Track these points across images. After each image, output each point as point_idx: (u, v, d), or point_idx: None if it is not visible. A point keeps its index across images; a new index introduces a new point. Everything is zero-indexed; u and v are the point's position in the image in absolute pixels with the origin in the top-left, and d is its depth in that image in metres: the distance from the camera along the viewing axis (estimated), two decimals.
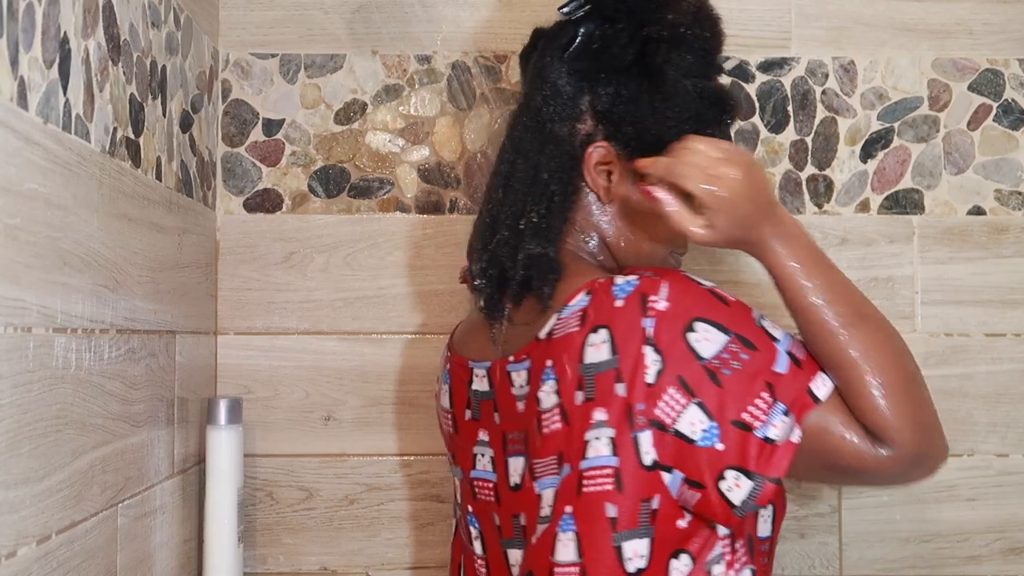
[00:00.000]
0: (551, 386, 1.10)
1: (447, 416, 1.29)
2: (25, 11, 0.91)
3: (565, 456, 1.09)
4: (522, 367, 1.15)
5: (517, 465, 1.17)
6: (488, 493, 1.21)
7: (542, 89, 1.22)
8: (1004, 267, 1.63)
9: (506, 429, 1.18)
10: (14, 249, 0.90)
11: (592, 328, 1.08)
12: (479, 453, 1.23)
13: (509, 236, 1.20)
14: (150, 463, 1.27)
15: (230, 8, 1.60)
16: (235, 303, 1.59)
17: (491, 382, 1.20)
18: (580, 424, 1.08)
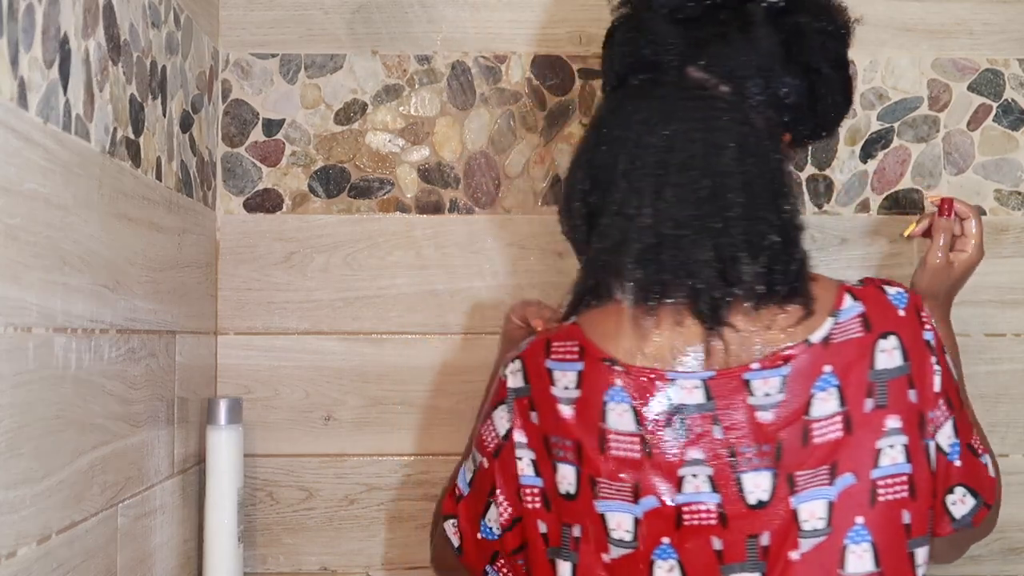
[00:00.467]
0: (832, 393, 1.09)
1: (629, 439, 1.11)
2: (25, 11, 0.91)
3: (844, 465, 1.08)
4: (773, 374, 1.10)
5: (760, 481, 1.09)
6: (705, 517, 1.10)
7: (754, 81, 1.15)
8: (1004, 267, 1.63)
9: (735, 443, 1.10)
10: (14, 249, 0.90)
11: (881, 334, 1.11)
12: (689, 474, 1.10)
13: (745, 237, 1.11)
14: (150, 463, 1.27)
15: (230, 8, 1.60)
16: (235, 303, 1.59)
17: (709, 393, 1.10)
18: (870, 432, 1.09)
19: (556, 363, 1.14)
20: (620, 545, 1.10)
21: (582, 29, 1.61)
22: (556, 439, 1.13)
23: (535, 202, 1.61)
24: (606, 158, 1.15)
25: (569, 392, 1.13)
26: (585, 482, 1.11)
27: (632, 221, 1.12)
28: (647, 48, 1.16)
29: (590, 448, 1.11)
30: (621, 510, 1.10)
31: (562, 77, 1.61)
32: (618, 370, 1.11)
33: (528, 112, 1.61)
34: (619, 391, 1.11)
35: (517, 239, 1.60)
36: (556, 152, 1.61)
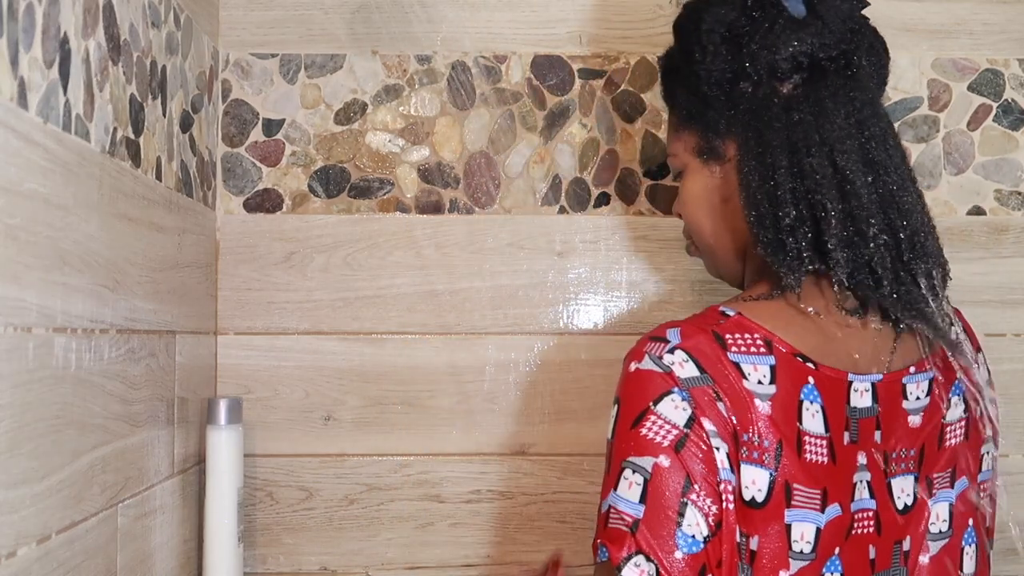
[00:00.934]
0: (960, 398, 1.14)
1: (819, 442, 1.03)
2: (25, 11, 0.91)
3: (960, 469, 1.13)
4: (924, 377, 1.10)
5: (906, 485, 1.08)
6: (867, 525, 1.06)
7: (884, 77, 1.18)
8: (1004, 267, 1.63)
9: (888, 448, 1.08)
10: (14, 249, 0.90)
11: (977, 348, 1.20)
12: (858, 480, 1.06)
13: (928, 236, 1.09)
14: (150, 463, 1.27)
15: (230, 8, 1.60)
16: (235, 303, 1.59)
17: (876, 397, 1.07)
18: (978, 438, 1.15)
19: (743, 356, 1.03)
20: (799, 558, 1.01)
21: (582, 29, 1.61)
22: (749, 437, 1.01)
23: (535, 202, 1.61)
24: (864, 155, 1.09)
25: (764, 387, 1.01)
26: (780, 489, 1.01)
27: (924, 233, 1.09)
28: (851, 37, 1.12)
29: (789, 451, 1.01)
30: (807, 520, 1.01)
31: (562, 77, 1.61)
32: (810, 367, 1.04)
33: (528, 112, 1.61)
34: (812, 390, 1.03)
35: (517, 239, 1.60)
36: (556, 152, 1.61)
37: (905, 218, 1.06)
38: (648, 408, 1.00)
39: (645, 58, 1.61)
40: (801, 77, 1.11)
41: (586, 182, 1.61)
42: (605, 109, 1.61)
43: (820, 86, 1.09)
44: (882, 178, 1.07)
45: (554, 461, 1.59)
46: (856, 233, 1.05)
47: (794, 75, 1.11)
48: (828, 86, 1.10)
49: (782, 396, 1.02)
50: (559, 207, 1.61)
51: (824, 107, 1.08)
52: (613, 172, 1.61)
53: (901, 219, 1.06)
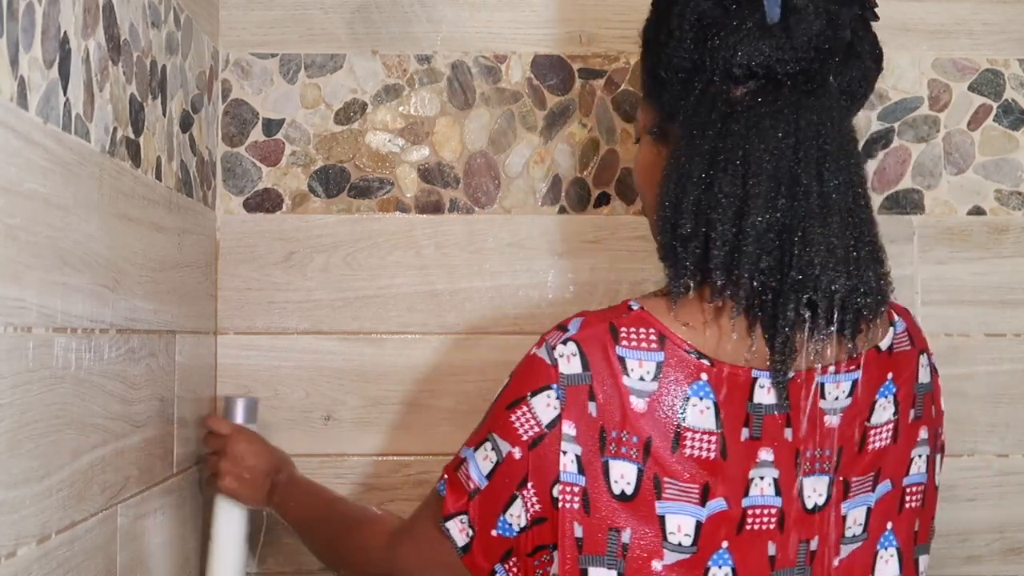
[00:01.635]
0: (889, 401, 1.11)
1: (706, 437, 1.05)
2: (25, 11, 0.91)
3: (885, 473, 1.11)
4: (846, 378, 1.08)
5: (819, 485, 1.08)
6: (766, 521, 1.07)
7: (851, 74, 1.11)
8: (1004, 267, 1.63)
9: (801, 446, 1.07)
10: (14, 249, 0.90)
11: (921, 350, 1.16)
12: (757, 476, 1.07)
13: (870, 242, 1.07)
14: (150, 463, 1.27)
15: (230, 8, 1.60)
16: (235, 303, 1.59)
17: (784, 394, 1.06)
18: (909, 442, 1.13)
19: (630, 351, 1.05)
20: (677, 550, 1.04)
21: (582, 29, 1.61)
22: (618, 434, 1.04)
23: (535, 202, 1.61)
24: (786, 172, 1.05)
25: (645, 384, 1.04)
26: (648, 481, 1.04)
27: (825, 246, 1.04)
28: (814, 55, 1.07)
29: (660, 446, 1.04)
30: (684, 512, 1.04)
31: (562, 77, 1.61)
32: (705, 364, 1.05)
33: (528, 112, 1.61)
34: (704, 386, 1.05)
35: (517, 239, 1.60)
36: (556, 152, 1.61)
37: (808, 246, 1.03)
38: (524, 398, 1.08)
39: None
40: (756, 84, 1.07)
41: (586, 182, 1.61)
42: (605, 109, 1.61)
43: (767, 100, 1.06)
44: (799, 204, 1.04)
45: None
46: (737, 258, 1.03)
47: (748, 81, 1.07)
48: (774, 102, 1.06)
49: (663, 393, 1.04)
50: (559, 207, 1.61)
51: (761, 123, 1.05)
52: (613, 172, 1.61)
53: (804, 249, 1.03)
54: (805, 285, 1.03)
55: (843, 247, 1.04)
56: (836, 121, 1.07)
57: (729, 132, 1.06)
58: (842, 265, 1.03)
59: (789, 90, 1.06)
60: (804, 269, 1.02)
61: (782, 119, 1.05)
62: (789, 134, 1.05)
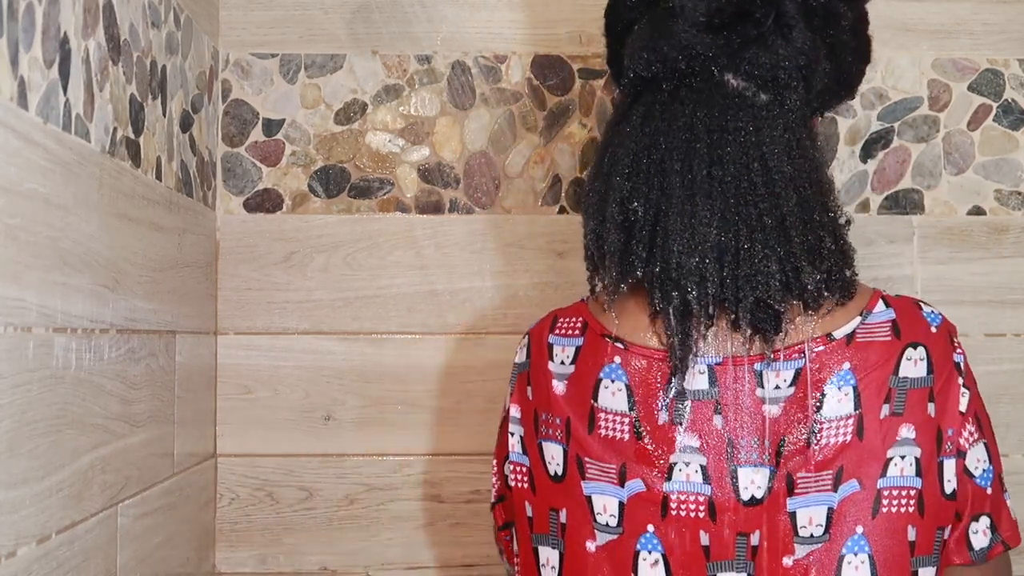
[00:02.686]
0: (846, 393, 1.05)
1: (618, 419, 1.08)
2: (25, 11, 0.91)
3: (849, 471, 1.04)
4: (787, 367, 1.06)
5: (756, 477, 1.05)
6: (695, 509, 1.06)
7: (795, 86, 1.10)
8: (1004, 267, 1.63)
9: (734, 435, 1.06)
10: (14, 249, 0.90)
11: (910, 343, 1.07)
12: (680, 462, 1.06)
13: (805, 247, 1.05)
14: (150, 463, 1.27)
15: (230, 8, 1.60)
16: (235, 303, 1.59)
17: (713, 379, 1.06)
18: (882, 439, 1.05)
19: (558, 338, 1.13)
20: (605, 531, 1.07)
21: (582, 29, 1.61)
22: (546, 416, 1.11)
23: (535, 202, 1.61)
24: (646, 166, 1.08)
25: (564, 368, 1.10)
26: (572, 462, 1.08)
27: (695, 238, 1.04)
28: (681, 58, 1.08)
29: (578, 427, 1.08)
30: (607, 492, 1.07)
31: (562, 77, 1.61)
32: (618, 347, 1.08)
33: (528, 112, 1.61)
34: (616, 368, 1.08)
35: (517, 239, 1.60)
36: (556, 152, 1.61)
37: (668, 237, 1.05)
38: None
39: None
40: (633, 88, 1.12)
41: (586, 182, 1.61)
42: (605, 109, 1.61)
43: (639, 101, 1.10)
44: (662, 196, 1.06)
45: None
46: (602, 250, 1.08)
47: (630, 86, 1.13)
48: (645, 103, 1.10)
49: (579, 375, 1.10)
50: (559, 207, 1.61)
51: (626, 120, 1.10)
52: None
53: (665, 239, 1.05)
54: (668, 274, 1.05)
55: (713, 237, 1.04)
56: (727, 110, 1.07)
57: (607, 132, 1.13)
58: (713, 255, 1.04)
59: (667, 89, 1.10)
60: (666, 259, 1.05)
61: (650, 116, 1.09)
62: (654, 130, 1.08)
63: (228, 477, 1.58)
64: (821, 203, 1.07)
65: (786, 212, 1.05)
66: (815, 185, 1.07)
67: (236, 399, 1.58)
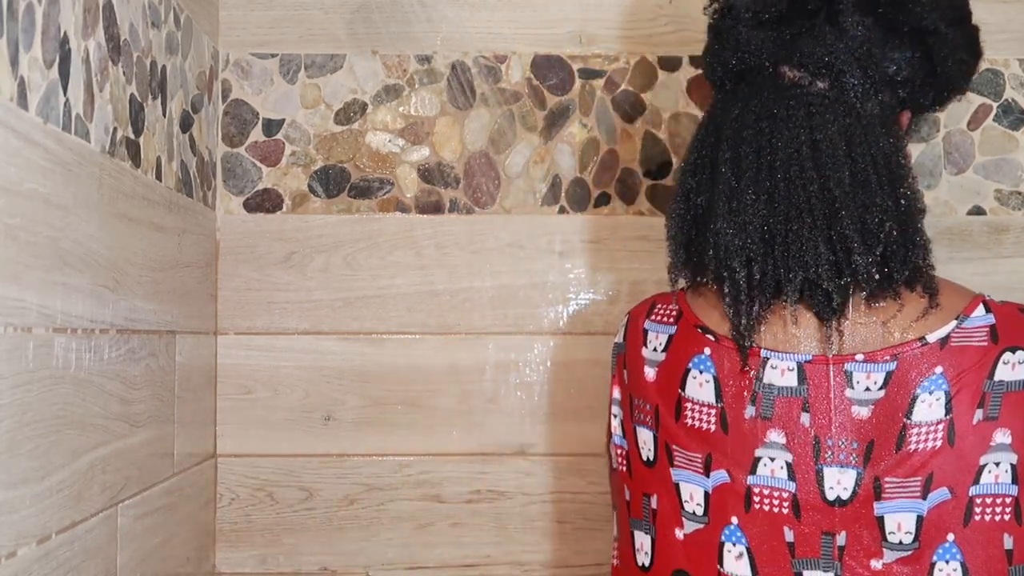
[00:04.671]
0: (937, 398, 1.04)
1: (706, 409, 1.09)
2: (25, 11, 0.91)
3: (940, 478, 1.03)
4: (878, 368, 1.05)
5: (843, 478, 1.05)
6: (778, 504, 1.07)
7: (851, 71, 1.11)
8: (1004, 267, 1.62)
9: (822, 434, 1.06)
10: (14, 249, 0.90)
11: (1009, 347, 1.05)
12: (765, 456, 1.07)
13: (858, 227, 1.06)
14: (150, 463, 1.27)
15: (230, 8, 1.60)
16: (235, 303, 1.59)
17: (803, 377, 1.07)
18: (974, 445, 1.03)
19: (653, 324, 1.15)
20: (692, 519, 1.09)
21: (582, 29, 1.61)
22: (639, 401, 1.13)
23: (535, 202, 1.61)
24: (707, 160, 1.12)
25: (656, 355, 1.13)
26: (662, 448, 1.10)
27: (740, 220, 1.07)
28: (733, 58, 1.13)
29: (665, 414, 1.10)
30: (693, 481, 1.08)
31: (562, 77, 1.61)
32: (709, 339, 1.10)
33: (528, 112, 1.61)
34: (705, 360, 1.09)
35: (517, 239, 1.60)
36: (556, 152, 1.61)
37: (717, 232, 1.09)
38: None
39: (645, 58, 1.61)
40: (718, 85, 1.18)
41: (586, 182, 1.61)
42: (605, 109, 1.61)
43: (716, 99, 1.17)
44: (714, 190, 1.10)
45: (554, 461, 1.59)
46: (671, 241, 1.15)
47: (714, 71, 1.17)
48: (718, 101, 1.16)
49: (669, 363, 1.12)
50: (559, 207, 1.61)
51: (713, 111, 1.15)
52: (613, 172, 1.61)
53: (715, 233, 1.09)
54: (719, 258, 1.08)
55: (760, 219, 1.07)
56: (780, 99, 1.10)
57: (715, 114, 1.17)
58: (757, 236, 1.07)
59: (729, 88, 1.15)
60: (716, 243, 1.08)
61: (713, 114, 1.15)
62: (714, 126, 1.13)
63: (228, 477, 1.58)
64: (888, 188, 1.07)
65: (837, 194, 1.05)
66: (881, 170, 1.07)
67: (236, 399, 1.58)
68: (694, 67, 1.60)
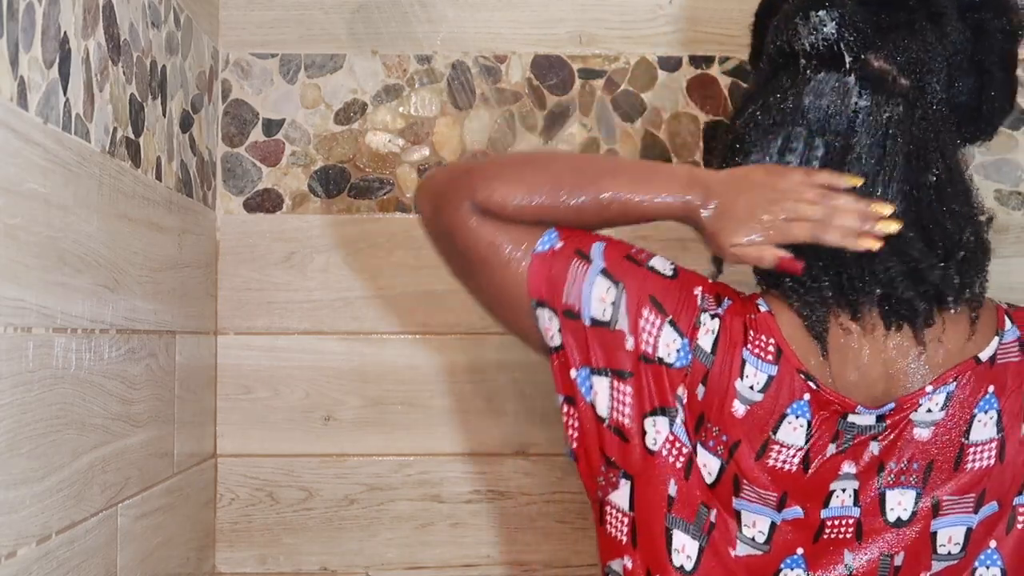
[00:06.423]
0: (991, 416, 1.05)
1: (791, 451, 1.05)
2: (25, 11, 0.91)
3: (991, 493, 1.05)
4: (942, 391, 1.05)
5: (903, 499, 1.05)
6: (844, 531, 1.06)
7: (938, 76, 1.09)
8: (1004, 267, 1.62)
9: (885, 458, 1.05)
10: (14, 249, 0.90)
11: None
12: (839, 488, 1.06)
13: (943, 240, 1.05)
14: (150, 463, 1.27)
15: (230, 8, 1.60)
16: (235, 303, 1.59)
17: (881, 417, 1.05)
18: (1020, 459, 1.05)
19: (753, 357, 1.05)
20: (750, 545, 1.06)
21: (582, 29, 1.61)
22: (711, 426, 1.06)
23: None
24: (785, 144, 1.07)
25: (752, 393, 1.05)
26: (728, 479, 1.06)
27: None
28: (831, 27, 1.05)
29: (746, 452, 1.05)
30: (761, 513, 1.06)
31: (562, 77, 1.61)
32: (811, 386, 1.04)
33: (528, 112, 1.61)
34: (803, 406, 1.05)
35: None
36: None
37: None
38: (661, 307, 1.08)
39: (645, 58, 1.61)
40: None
41: None
42: (605, 109, 1.61)
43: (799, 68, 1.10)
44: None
45: (554, 461, 1.59)
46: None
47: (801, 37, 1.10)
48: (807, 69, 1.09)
49: (765, 406, 1.05)
50: None
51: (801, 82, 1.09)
52: None
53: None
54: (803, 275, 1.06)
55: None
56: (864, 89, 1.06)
57: (737, 114, 1.16)
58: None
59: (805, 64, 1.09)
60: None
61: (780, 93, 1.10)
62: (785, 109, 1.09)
63: (228, 477, 1.58)
64: (965, 201, 1.06)
65: (922, 198, 1.03)
66: (958, 182, 1.06)
67: (236, 399, 1.58)
68: (694, 67, 1.60)
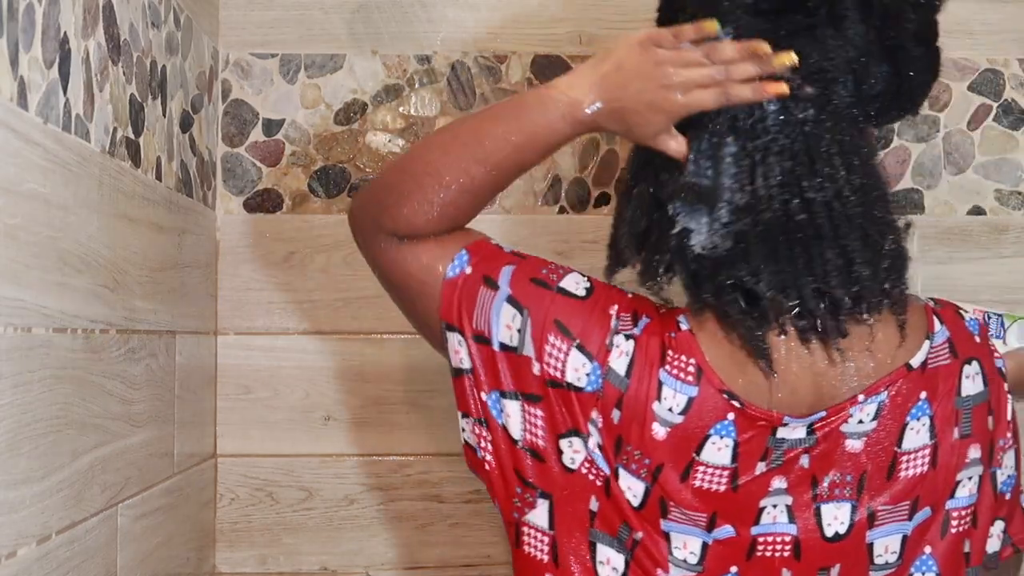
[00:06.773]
0: (923, 423, 1.02)
1: (717, 472, 1.02)
2: (25, 11, 0.91)
3: (925, 499, 1.03)
4: (870, 401, 1.02)
5: (839, 513, 1.03)
6: (779, 548, 1.03)
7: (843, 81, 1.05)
8: (1004, 267, 1.63)
9: (818, 472, 1.02)
10: (14, 249, 0.90)
11: (966, 359, 1.05)
12: (769, 504, 1.03)
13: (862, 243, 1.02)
14: (150, 463, 1.27)
15: (230, 8, 1.60)
16: (235, 303, 1.59)
17: (811, 430, 1.02)
18: (953, 463, 1.04)
19: (671, 379, 1.01)
20: (683, 566, 1.02)
21: (582, 29, 1.61)
22: (631, 449, 1.02)
23: (535, 202, 1.60)
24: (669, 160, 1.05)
25: (671, 415, 1.01)
26: (655, 501, 1.02)
27: (735, 231, 1.00)
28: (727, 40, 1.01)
29: (671, 474, 1.01)
30: (691, 534, 1.02)
31: None
32: (736, 406, 1.00)
33: None
34: (727, 426, 1.01)
35: (517, 239, 1.60)
36: (556, 152, 1.61)
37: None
38: (569, 332, 1.05)
39: None
40: None
41: (586, 182, 1.61)
42: None
43: None
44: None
45: None
46: None
47: None
48: None
49: (687, 427, 1.01)
50: (559, 207, 1.61)
51: None
52: (613, 172, 1.61)
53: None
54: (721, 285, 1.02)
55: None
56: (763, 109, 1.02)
57: None
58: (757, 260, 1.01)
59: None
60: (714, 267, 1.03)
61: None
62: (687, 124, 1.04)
63: (228, 477, 1.58)
64: (881, 202, 1.04)
65: (837, 208, 1.01)
66: (871, 183, 1.03)
67: (236, 399, 1.58)
68: None
